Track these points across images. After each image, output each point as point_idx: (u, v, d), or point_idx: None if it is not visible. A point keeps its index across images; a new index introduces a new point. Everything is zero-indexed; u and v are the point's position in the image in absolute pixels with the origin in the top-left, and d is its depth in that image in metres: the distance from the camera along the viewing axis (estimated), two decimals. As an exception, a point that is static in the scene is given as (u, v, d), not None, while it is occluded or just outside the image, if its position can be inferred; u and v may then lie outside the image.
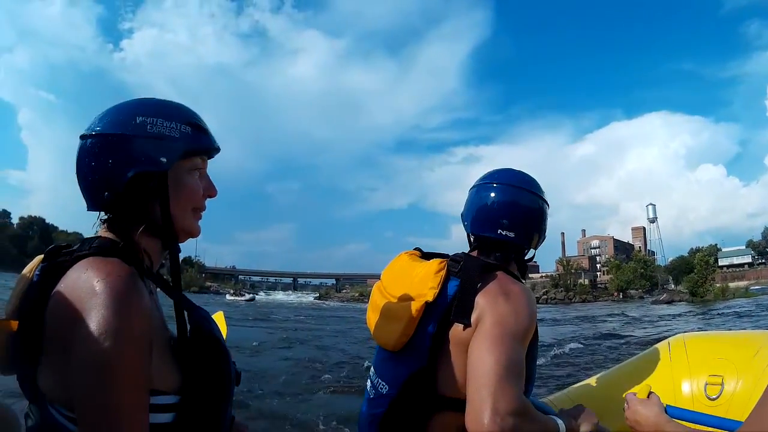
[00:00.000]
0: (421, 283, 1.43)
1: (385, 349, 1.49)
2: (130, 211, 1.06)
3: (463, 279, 1.40)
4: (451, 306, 1.37)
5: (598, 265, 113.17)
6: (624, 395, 1.52)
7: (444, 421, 1.33)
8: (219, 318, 1.98)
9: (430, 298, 1.38)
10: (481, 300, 1.35)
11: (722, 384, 1.99)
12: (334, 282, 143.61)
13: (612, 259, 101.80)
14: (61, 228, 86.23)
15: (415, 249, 1.64)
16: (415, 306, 1.39)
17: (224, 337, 1.17)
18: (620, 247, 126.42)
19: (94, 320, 0.88)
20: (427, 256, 1.60)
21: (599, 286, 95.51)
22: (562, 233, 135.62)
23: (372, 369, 1.57)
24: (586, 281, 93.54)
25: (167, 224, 1.07)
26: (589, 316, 32.94)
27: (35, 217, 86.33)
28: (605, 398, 2.11)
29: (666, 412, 1.39)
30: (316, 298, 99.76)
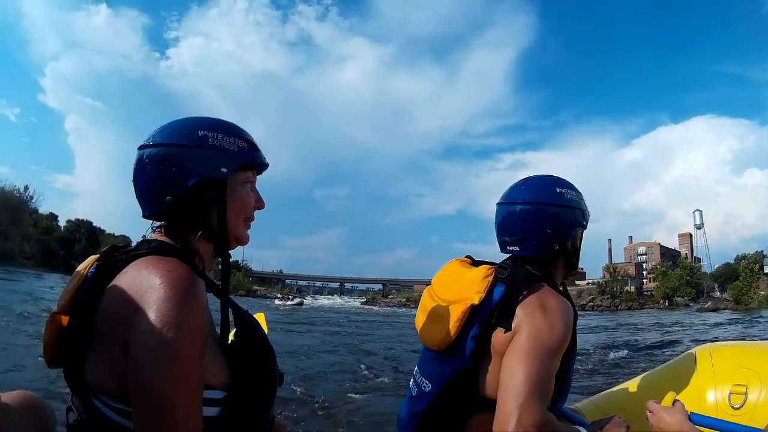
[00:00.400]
0: (469, 287, 1.46)
1: (431, 349, 1.53)
2: (188, 216, 1.12)
3: (508, 285, 1.44)
4: (495, 311, 1.41)
5: (645, 272, 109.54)
6: (647, 403, 1.48)
7: (482, 421, 1.36)
8: (260, 318, 1.86)
9: (476, 301, 1.42)
10: (520, 312, 1.38)
11: (746, 393, 1.96)
12: (381, 287, 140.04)
13: (658, 266, 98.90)
14: (108, 231, 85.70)
15: (466, 257, 1.66)
16: (461, 308, 1.43)
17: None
18: (667, 253, 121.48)
19: (156, 313, 0.92)
20: (477, 263, 1.62)
21: (645, 293, 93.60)
22: (609, 240, 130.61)
23: (416, 368, 1.60)
24: (632, 288, 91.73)
25: (222, 230, 1.14)
26: (634, 324, 32.34)
27: (82, 220, 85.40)
28: (631, 406, 2.08)
29: (690, 419, 1.38)
30: (362, 303, 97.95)
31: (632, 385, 2.37)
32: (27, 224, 67.16)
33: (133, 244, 1.18)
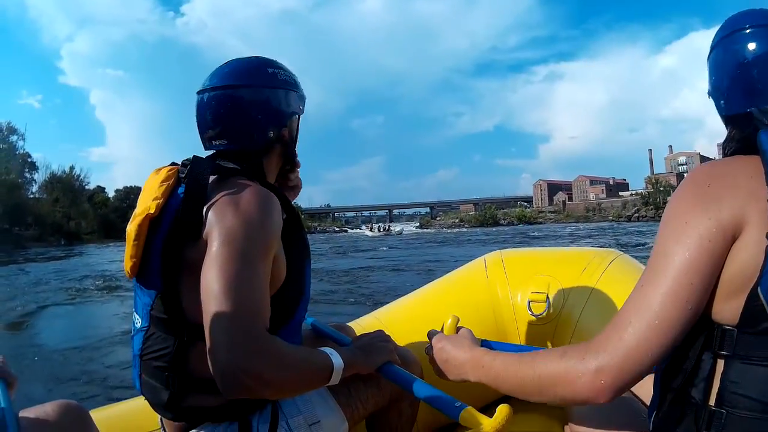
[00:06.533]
0: (148, 195, 1.24)
1: (129, 277, 1.30)
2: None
3: (188, 185, 1.20)
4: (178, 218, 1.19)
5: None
6: (427, 332, 1.27)
7: (202, 352, 1.07)
8: None
9: (152, 210, 1.20)
10: (211, 214, 1.14)
11: (547, 300, 1.91)
12: (428, 210, 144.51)
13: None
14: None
15: (170, 164, 1.34)
16: (137, 222, 1.20)
17: None
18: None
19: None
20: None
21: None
22: (650, 150, 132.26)
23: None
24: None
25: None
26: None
27: (131, 187, 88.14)
28: (415, 320, 1.91)
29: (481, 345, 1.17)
30: (417, 227, 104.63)
31: (419, 295, 2.23)
32: (82, 202, 70.99)
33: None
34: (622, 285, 1.80)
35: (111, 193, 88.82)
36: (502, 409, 0.97)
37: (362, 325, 1.97)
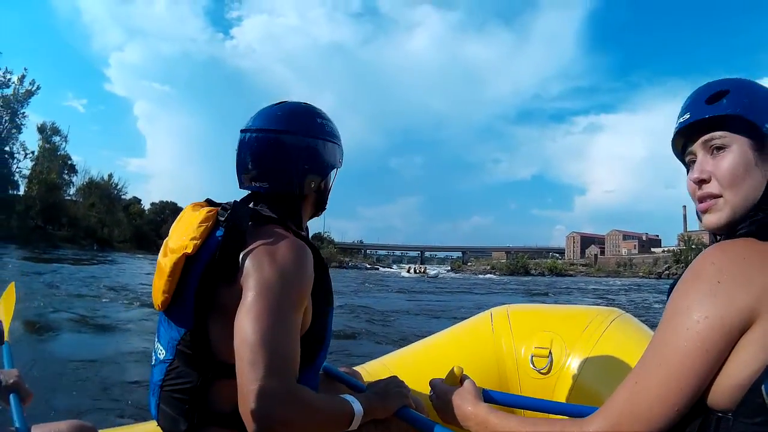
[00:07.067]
0: (186, 234, 1.26)
1: (158, 309, 1.32)
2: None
3: (227, 229, 1.23)
4: (214, 260, 1.22)
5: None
6: (429, 381, 1.30)
7: (227, 388, 1.15)
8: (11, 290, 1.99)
9: (189, 250, 1.23)
10: (248, 262, 1.18)
11: (550, 356, 1.95)
12: (460, 255, 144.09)
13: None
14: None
15: (205, 200, 1.39)
16: (174, 258, 1.23)
17: None
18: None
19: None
20: (215, 206, 1.36)
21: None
22: (684, 206, 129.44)
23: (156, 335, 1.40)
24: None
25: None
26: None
27: (167, 201, 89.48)
28: (419, 368, 1.95)
29: (483, 397, 1.19)
30: (447, 271, 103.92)
31: (426, 343, 2.28)
32: (118, 210, 70.54)
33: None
34: (622, 344, 1.90)
35: (146, 206, 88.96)
36: None
37: (369, 370, 2.01)
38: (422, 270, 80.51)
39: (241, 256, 1.17)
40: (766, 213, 0.92)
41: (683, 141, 1.08)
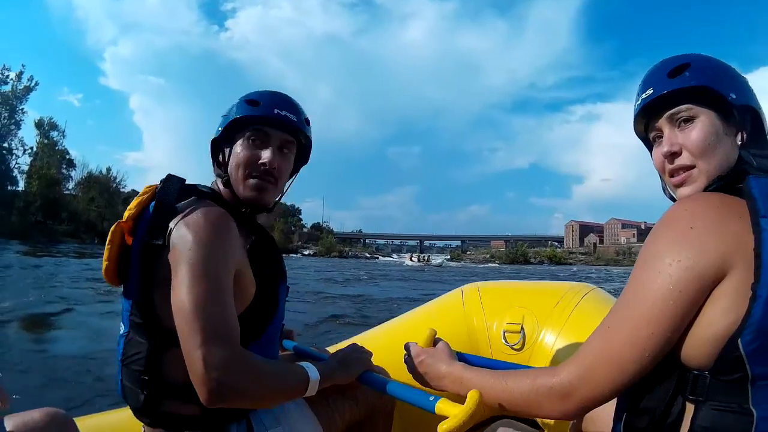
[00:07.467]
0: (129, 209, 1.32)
1: (106, 281, 1.35)
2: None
3: (157, 201, 1.26)
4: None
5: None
6: (404, 344, 1.32)
7: (179, 359, 1.12)
8: None
9: (123, 219, 1.28)
10: (173, 234, 1.20)
11: (522, 332, 1.96)
12: (459, 244, 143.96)
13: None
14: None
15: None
16: (111, 229, 1.29)
17: None
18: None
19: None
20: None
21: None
22: None
23: None
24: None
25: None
26: None
27: None
28: (391, 345, 1.88)
29: (458, 359, 1.20)
30: (447, 260, 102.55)
31: (396, 322, 2.32)
32: (117, 204, 70.29)
33: None
34: (595, 318, 1.80)
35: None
36: (473, 395, 1.01)
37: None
38: (425, 259, 79.56)
39: (169, 228, 1.20)
40: (735, 174, 0.93)
41: (645, 120, 1.08)
